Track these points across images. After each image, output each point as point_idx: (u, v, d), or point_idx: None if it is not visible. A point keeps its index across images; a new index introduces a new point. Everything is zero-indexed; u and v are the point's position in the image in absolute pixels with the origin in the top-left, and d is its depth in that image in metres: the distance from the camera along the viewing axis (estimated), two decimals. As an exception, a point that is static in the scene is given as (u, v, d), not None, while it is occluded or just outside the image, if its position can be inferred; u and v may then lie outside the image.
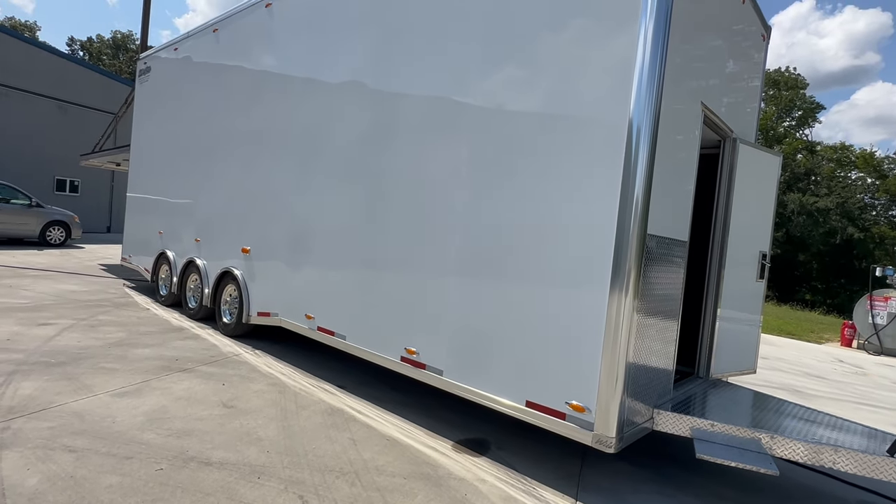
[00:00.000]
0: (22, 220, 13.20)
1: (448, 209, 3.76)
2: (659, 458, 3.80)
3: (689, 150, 3.42)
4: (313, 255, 4.96)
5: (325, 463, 3.14)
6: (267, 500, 2.68)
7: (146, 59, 8.78)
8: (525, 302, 3.27)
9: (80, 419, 3.41)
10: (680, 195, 3.38)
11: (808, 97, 40.56)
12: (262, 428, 3.56)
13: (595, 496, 3.12)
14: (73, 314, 6.32)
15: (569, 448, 3.67)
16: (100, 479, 2.71)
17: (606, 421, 2.89)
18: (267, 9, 5.75)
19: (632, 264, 2.86)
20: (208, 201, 6.68)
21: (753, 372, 4.52)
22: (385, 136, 4.30)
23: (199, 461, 3.01)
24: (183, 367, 4.69)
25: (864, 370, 8.99)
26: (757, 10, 4.27)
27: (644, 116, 2.85)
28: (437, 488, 2.99)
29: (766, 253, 4.36)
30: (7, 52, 18.74)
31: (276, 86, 5.61)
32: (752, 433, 3.08)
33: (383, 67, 4.37)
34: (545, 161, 3.23)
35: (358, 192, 4.52)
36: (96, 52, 49.71)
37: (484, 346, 3.49)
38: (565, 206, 3.11)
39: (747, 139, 4.35)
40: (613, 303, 2.87)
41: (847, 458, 2.88)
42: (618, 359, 2.87)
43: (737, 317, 4.25)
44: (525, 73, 3.40)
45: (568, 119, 3.15)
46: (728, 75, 4.01)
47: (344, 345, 4.51)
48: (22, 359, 4.48)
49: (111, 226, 21.99)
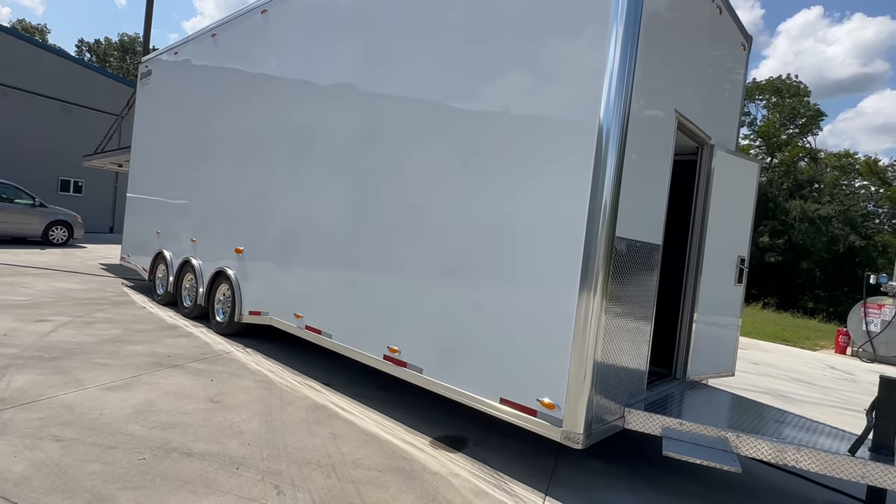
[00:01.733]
0: (25, 220, 13.39)
1: (427, 211, 3.87)
2: (634, 457, 3.88)
3: (662, 155, 3.51)
4: (302, 255, 5.07)
5: (304, 456, 3.24)
6: (243, 489, 2.78)
7: (147, 62, 8.95)
8: (499, 302, 3.37)
9: (70, 411, 3.52)
10: (652, 199, 3.47)
11: (811, 105, 40.55)
12: (246, 422, 3.66)
13: (565, 492, 3.20)
14: (70, 311, 6.45)
15: (545, 446, 3.75)
16: (83, 467, 2.81)
17: (574, 418, 2.98)
18: (263, 15, 5.89)
19: (600, 266, 2.95)
20: (204, 202, 6.82)
21: (732, 374, 4.59)
22: (367, 140, 4.43)
23: (181, 452, 3.11)
24: (174, 364, 4.80)
25: (854, 377, 9.02)
26: (736, 20, 4.36)
27: (614, 120, 2.95)
28: (411, 481, 3.08)
29: (744, 258, 4.45)
30: (14, 54, 19.05)
31: (268, 90, 5.74)
32: (720, 432, 3.16)
33: (371, 72, 4.49)
34: (518, 164, 3.33)
35: (344, 194, 4.63)
36: (103, 54, 50.23)
37: (461, 345, 3.58)
38: (536, 208, 3.21)
39: (727, 146, 4.45)
40: (582, 303, 2.96)
41: (810, 458, 2.96)
42: (586, 358, 2.96)
43: (714, 320, 4.33)
44: (499, 76, 3.51)
45: (540, 122, 3.26)
46: (706, 84, 4.10)
47: (330, 343, 4.62)
48: (17, 353, 4.61)
49: (114, 226, 22.21)
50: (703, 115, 4.02)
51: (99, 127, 18.83)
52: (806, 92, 40.54)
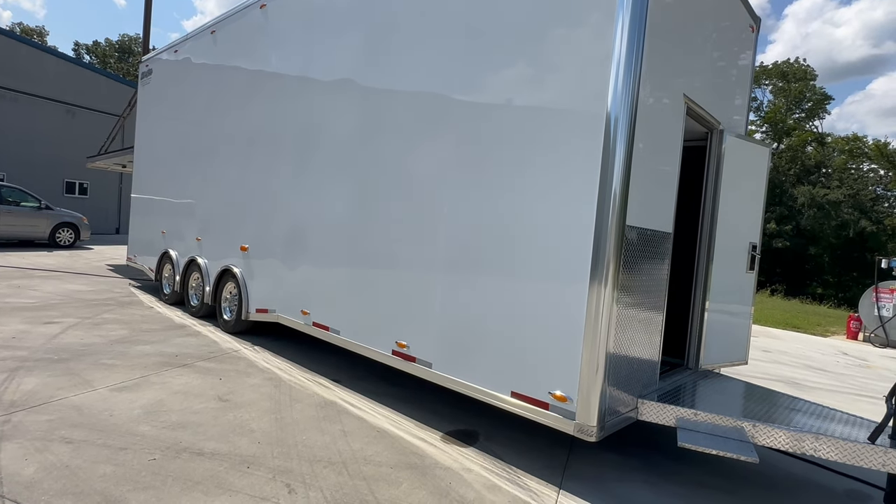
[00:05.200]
0: (32, 223, 13.46)
1: (434, 205, 3.82)
2: (648, 448, 3.83)
3: (672, 141, 3.44)
4: (308, 252, 5.04)
5: (315, 453, 3.22)
6: (255, 488, 2.76)
7: (148, 61, 8.92)
8: (508, 294, 3.32)
9: (79, 412, 3.51)
10: (662, 187, 3.40)
11: (818, 88, 40.02)
12: (255, 420, 3.65)
13: (579, 485, 3.16)
14: (78, 313, 6.46)
15: (557, 439, 3.71)
16: (94, 469, 2.80)
17: (588, 410, 2.93)
18: (261, 10, 5.83)
19: (611, 256, 2.89)
20: (208, 200, 6.80)
21: (745, 363, 4.53)
22: (373, 136, 4.37)
23: (192, 452, 3.10)
24: (182, 363, 4.80)
25: (867, 362, 8.92)
26: (744, 1, 4.26)
27: (622, 108, 2.88)
28: (423, 477, 3.05)
29: (755, 244, 4.37)
30: (16, 58, 19.08)
31: (270, 86, 5.69)
32: (735, 422, 3.10)
33: (373, 66, 4.43)
34: (525, 155, 3.27)
35: (349, 190, 4.58)
36: (102, 55, 50.24)
37: (470, 339, 3.54)
38: (545, 198, 3.15)
39: (737, 131, 4.36)
40: (593, 294, 2.91)
41: (829, 446, 2.90)
42: (598, 350, 2.91)
43: (726, 308, 4.26)
44: (505, 67, 3.44)
45: (548, 112, 3.19)
46: (714, 68, 4.02)
47: (338, 339, 4.59)
48: (26, 355, 4.61)
49: (119, 227, 22.30)
50: (712, 100, 3.94)
51: (102, 128, 18.88)
52: (812, 75, 40.02)
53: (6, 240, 13.27)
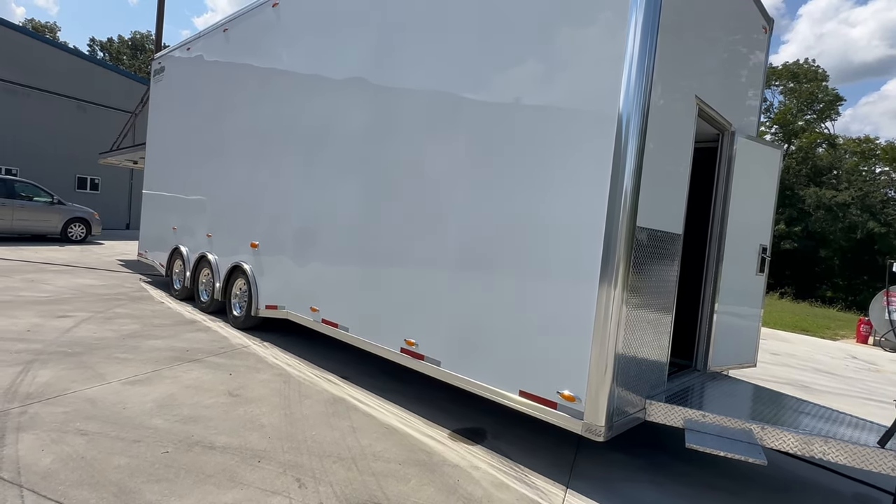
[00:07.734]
0: (44, 218, 13.62)
1: (444, 203, 3.84)
2: (655, 449, 3.84)
3: (683, 143, 3.44)
4: (318, 249, 5.08)
5: (324, 448, 3.25)
6: (265, 481, 2.80)
7: (160, 58, 8.99)
8: (517, 294, 3.34)
9: (93, 405, 3.57)
10: (673, 188, 3.40)
11: (829, 89, 39.58)
12: (266, 415, 3.69)
13: (586, 484, 3.18)
14: (90, 307, 6.54)
15: (565, 438, 3.73)
16: (109, 460, 2.85)
17: (596, 410, 2.95)
18: (274, 8, 5.87)
19: (621, 257, 2.90)
20: (219, 197, 6.85)
21: (753, 365, 4.52)
22: (385, 134, 4.40)
23: (204, 445, 3.14)
24: (193, 358, 4.85)
25: (877, 366, 8.86)
26: (757, 2, 4.25)
27: (634, 109, 2.89)
28: (431, 474, 3.08)
29: (766, 246, 4.36)
30: (29, 54, 19.27)
31: (282, 84, 5.73)
32: (744, 424, 3.10)
33: (385, 65, 4.45)
34: (536, 155, 3.28)
35: (360, 188, 4.61)
36: (115, 52, 50.67)
37: (479, 338, 3.56)
38: (556, 199, 3.17)
39: (749, 132, 4.35)
40: (602, 295, 2.92)
41: (838, 450, 2.90)
42: (607, 350, 2.92)
43: (736, 310, 4.25)
44: (518, 67, 3.46)
45: (559, 112, 3.20)
46: (726, 69, 4.01)
47: (347, 336, 4.62)
48: (41, 348, 4.69)
49: (130, 222, 22.50)
50: (723, 101, 3.93)
51: (114, 124, 19.01)
52: (824, 76, 39.58)
53: (19, 234, 13.43)
